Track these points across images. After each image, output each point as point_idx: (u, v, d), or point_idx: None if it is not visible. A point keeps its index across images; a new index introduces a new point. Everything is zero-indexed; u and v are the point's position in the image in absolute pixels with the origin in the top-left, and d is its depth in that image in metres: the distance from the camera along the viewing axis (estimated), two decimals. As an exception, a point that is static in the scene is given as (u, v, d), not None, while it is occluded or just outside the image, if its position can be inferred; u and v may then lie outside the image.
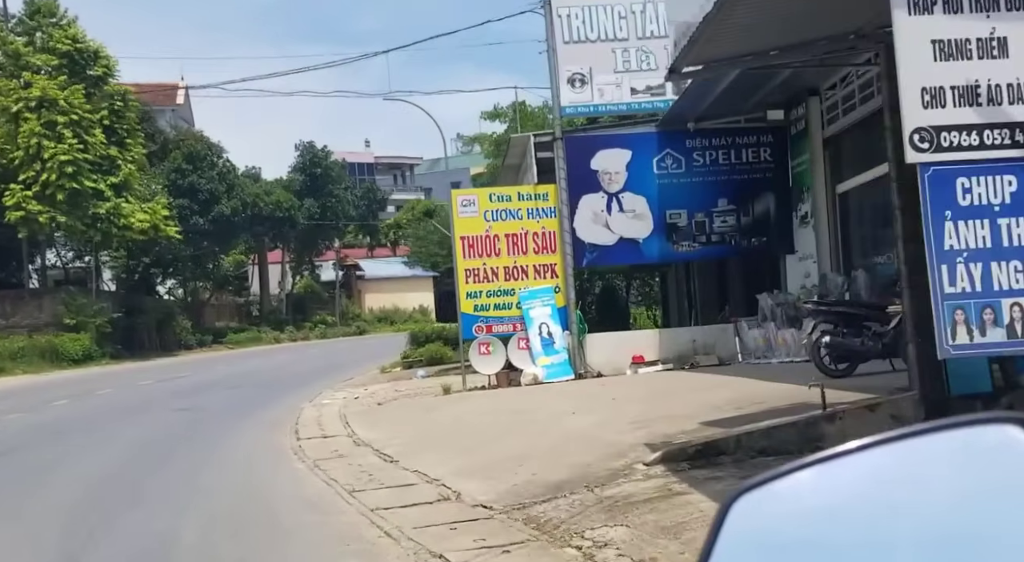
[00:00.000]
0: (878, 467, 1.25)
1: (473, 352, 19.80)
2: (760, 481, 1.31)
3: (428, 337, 31.46)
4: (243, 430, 16.47)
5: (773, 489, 1.29)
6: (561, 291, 19.86)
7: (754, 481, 1.31)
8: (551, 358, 19.49)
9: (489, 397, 17.51)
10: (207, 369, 33.67)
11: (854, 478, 1.26)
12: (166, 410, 20.33)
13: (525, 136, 21.27)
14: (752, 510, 1.29)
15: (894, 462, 1.24)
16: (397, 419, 15.73)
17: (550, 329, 19.65)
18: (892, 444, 1.26)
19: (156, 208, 40.30)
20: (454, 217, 19.93)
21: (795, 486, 1.28)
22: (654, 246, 19.68)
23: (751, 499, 1.30)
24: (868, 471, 1.25)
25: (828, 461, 1.28)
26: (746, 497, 1.30)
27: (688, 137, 19.52)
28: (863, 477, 1.25)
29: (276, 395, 23.52)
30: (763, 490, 1.30)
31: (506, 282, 19.87)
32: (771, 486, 1.30)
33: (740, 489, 1.31)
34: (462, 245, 19.88)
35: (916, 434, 1.25)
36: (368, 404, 19.59)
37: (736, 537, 1.28)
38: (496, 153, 52.54)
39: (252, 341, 49.37)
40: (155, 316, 43.74)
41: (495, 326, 19.92)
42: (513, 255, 19.86)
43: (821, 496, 1.26)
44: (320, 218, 56.28)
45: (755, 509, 1.29)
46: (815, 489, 1.27)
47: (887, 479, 1.23)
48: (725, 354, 19.29)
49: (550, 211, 19.81)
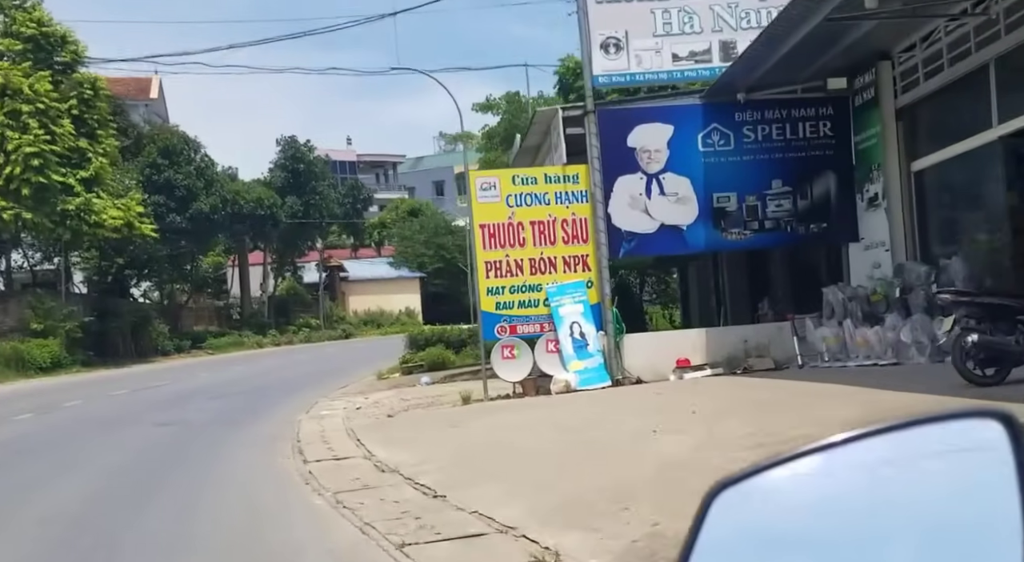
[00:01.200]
0: (862, 460, 1.23)
1: (495, 356, 17.40)
2: (743, 475, 1.28)
3: (428, 340, 29.07)
4: (236, 449, 14.02)
5: (756, 483, 1.27)
6: (594, 286, 17.51)
7: (737, 475, 1.28)
8: (584, 362, 17.14)
9: (522, 408, 15.12)
10: (187, 377, 31.11)
11: (838, 471, 1.24)
12: (144, 425, 17.85)
13: (551, 110, 18.88)
14: (735, 503, 1.27)
15: (877, 456, 1.23)
16: (418, 436, 13.32)
17: (582, 329, 17.29)
18: (875, 437, 1.24)
19: (130, 204, 37.69)
20: (473, 202, 17.53)
21: (778, 479, 1.26)
22: (700, 234, 17.35)
23: (734, 492, 1.27)
24: (852, 464, 1.23)
25: (811, 455, 1.25)
26: (729, 491, 1.28)
27: (738, 110, 17.22)
28: (847, 470, 1.23)
29: (267, 405, 21.12)
30: (746, 484, 1.28)
31: (532, 276, 17.49)
32: (754, 480, 1.27)
33: (723, 482, 1.28)
34: (482, 234, 17.49)
35: (900, 428, 1.23)
36: (375, 416, 17.19)
37: (718, 531, 1.27)
38: (489, 147, 50.22)
39: (233, 346, 46.77)
40: (130, 320, 41.12)
41: (520, 326, 17.54)
42: (540, 245, 17.49)
43: (804, 489, 1.25)
44: (303, 216, 53.66)
45: (738, 502, 1.27)
46: (798, 482, 1.25)
47: (871, 472, 1.22)
48: (781, 356, 17.00)
49: (581, 195, 17.45)
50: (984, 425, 1.20)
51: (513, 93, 48.45)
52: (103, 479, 11.46)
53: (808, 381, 13.25)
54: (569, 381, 16.81)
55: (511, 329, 17.52)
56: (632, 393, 15.37)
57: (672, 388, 15.14)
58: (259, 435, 15.82)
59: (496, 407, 15.76)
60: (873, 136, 16.43)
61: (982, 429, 1.19)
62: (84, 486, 10.92)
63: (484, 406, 16.33)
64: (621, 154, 17.21)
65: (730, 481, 1.28)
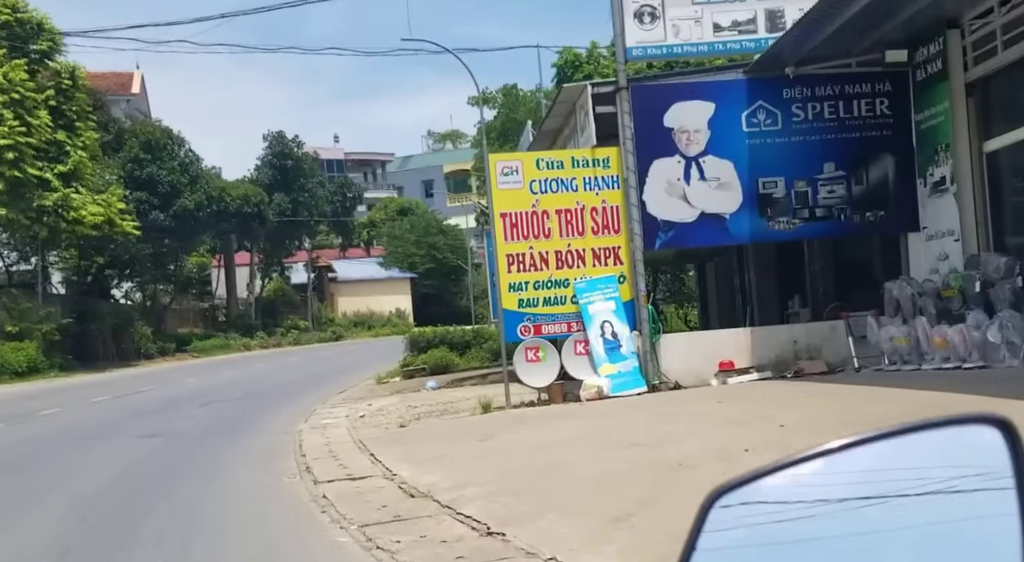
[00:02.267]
0: (860, 466, 1.23)
1: (518, 358, 15.70)
2: (742, 480, 1.28)
3: (430, 342, 27.30)
4: (234, 467, 12.28)
5: (754, 488, 1.27)
6: (627, 281, 15.84)
7: (736, 480, 1.28)
8: (617, 365, 15.46)
9: (556, 418, 13.40)
10: (173, 382, 29.29)
11: (837, 477, 1.23)
12: (127, 437, 16.10)
13: (578, 86, 17.16)
14: (733, 509, 1.26)
15: (876, 461, 1.23)
16: (444, 451, 11.60)
17: (615, 329, 15.62)
18: (873, 443, 1.24)
19: (111, 200, 35.87)
20: (492, 188, 15.82)
21: (777, 485, 1.26)
22: (744, 223, 15.70)
23: (732, 498, 1.27)
24: (851, 470, 1.23)
25: (810, 460, 1.25)
26: (727, 496, 1.27)
27: (786, 86, 15.58)
28: (846, 476, 1.23)
29: (262, 413, 19.41)
30: (745, 489, 1.27)
31: (558, 270, 15.81)
32: (753, 485, 1.27)
33: (721, 488, 1.27)
34: (503, 224, 15.78)
35: (898, 433, 1.23)
36: (384, 425, 15.50)
37: (717, 537, 1.27)
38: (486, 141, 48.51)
39: (220, 349, 44.90)
40: (111, 322, 39.28)
41: (545, 326, 15.85)
42: (567, 236, 15.82)
43: (803, 495, 1.25)
44: (292, 214, 51.74)
45: (736, 508, 1.26)
46: (798, 488, 1.25)
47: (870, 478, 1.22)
48: (834, 358, 15.38)
49: (612, 180, 15.78)
50: (982, 431, 1.20)
51: (511, 86, 46.79)
52: (73, 511, 9.65)
53: (888, 386, 11.60)
54: (601, 386, 15.13)
55: (535, 329, 15.82)
56: (679, 400, 13.68)
57: (726, 394, 13.45)
58: (257, 448, 14.10)
59: (523, 416, 14.04)
60: (939, 114, 14.79)
61: (980, 435, 1.20)
62: (48, 523, 9.10)
63: (508, 415, 14.62)
64: (657, 135, 15.56)
65: (728, 487, 1.27)
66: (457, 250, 67.51)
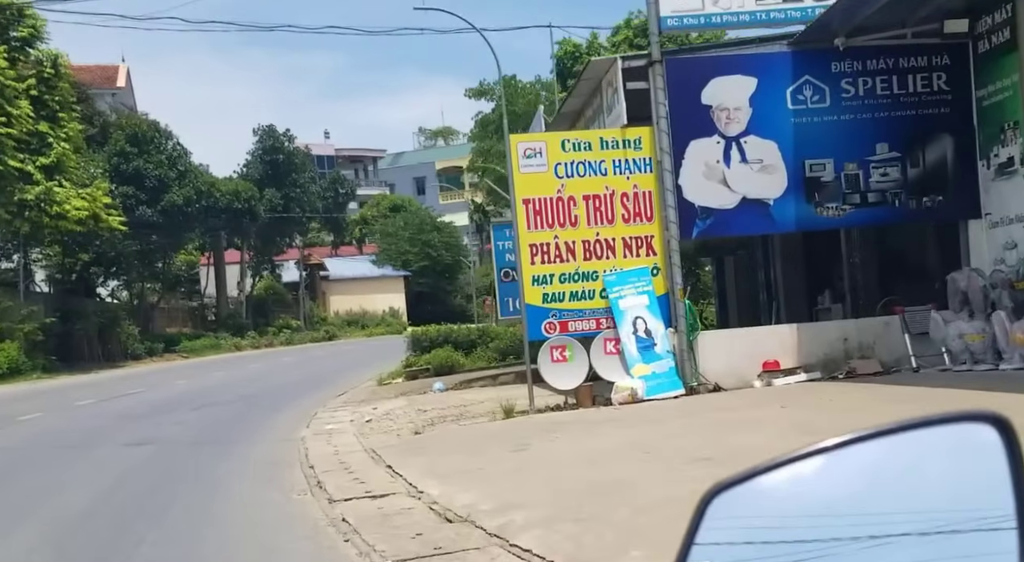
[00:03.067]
0: (857, 464, 1.21)
1: (543, 358, 14.36)
2: (739, 478, 1.24)
3: (433, 341, 25.86)
4: (234, 481, 10.91)
5: (751, 486, 1.24)
6: (661, 273, 14.51)
7: (733, 478, 1.24)
8: (651, 366, 14.12)
9: (593, 425, 12.03)
10: (162, 384, 27.82)
11: (834, 475, 1.21)
12: (112, 445, 14.71)
13: (606, 60, 15.78)
14: (730, 507, 1.24)
15: (872, 459, 1.20)
16: (474, 463, 10.23)
17: (648, 326, 14.28)
18: (870, 441, 1.21)
19: (96, 195, 34.32)
20: (514, 172, 14.45)
21: (774, 483, 1.23)
22: (789, 209, 14.37)
23: (730, 496, 1.24)
24: (848, 468, 1.21)
25: (807, 458, 1.22)
26: (725, 494, 1.24)
27: (835, 59, 14.26)
28: (843, 474, 1.21)
29: (259, 418, 18.05)
30: (742, 487, 1.24)
31: (586, 262, 14.48)
32: (750, 483, 1.24)
33: (718, 486, 1.24)
34: (526, 211, 14.43)
35: (894, 431, 1.20)
36: (396, 432, 14.15)
37: (714, 535, 1.24)
38: (483, 135, 47.11)
39: (210, 349, 43.38)
40: (96, 321, 37.73)
41: (572, 322, 14.50)
42: (595, 224, 14.49)
43: (800, 493, 1.23)
44: (283, 210, 50.20)
45: (733, 506, 1.24)
46: (795, 486, 1.23)
47: (866, 476, 1.20)
48: (888, 357, 14.08)
49: (645, 163, 14.45)
50: (978, 429, 1.19)
51: (510, 77, 45.37)
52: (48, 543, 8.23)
53: (974, 390, 10.27)
54: (635, 389, 13.79)
55: (561, 326, 14.48)
56: (730, 405, 12.33)
57: (781, 398, 12.10)
58: (259, 458, 12.73)
59: (555, 422, 12.67)
60: (1006, 89, 13.49)
61: (976, 433, 1.19)
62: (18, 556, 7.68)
63: (535, 421, 13.26)
64: (694, 113, 14.23)
65: (726, 485, 1.25)
66: (452, 248, 66.07)
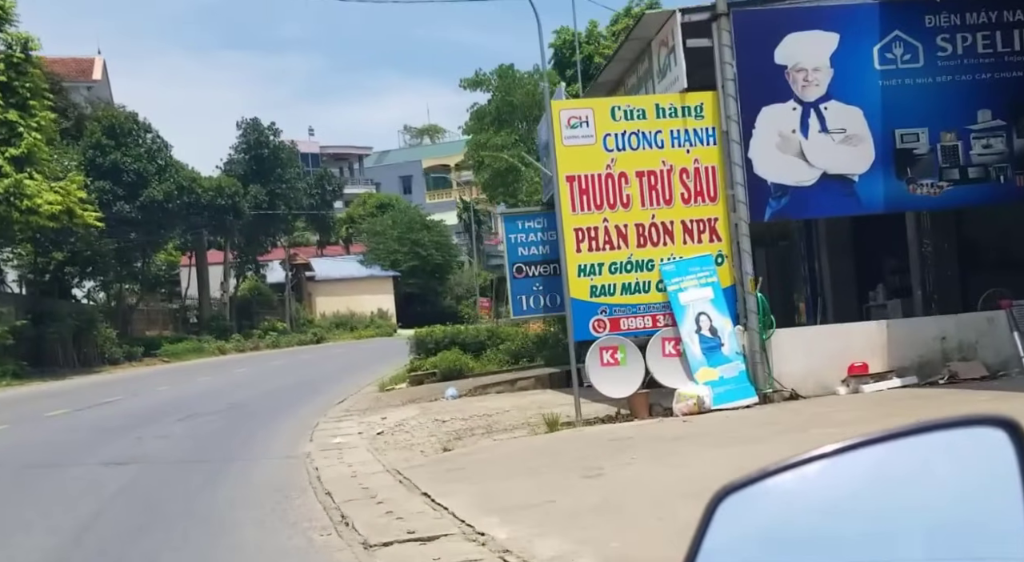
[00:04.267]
0: (867, 466, 1.22)
1: (592, 362, 12.32)
2: (748, 480, 1.26)
3: (439, 343, 23.75)
4: (235, 513, 8.86)
5: (760, 488, 1.25)
6: (727, 261, 12.52)
7: (742, 480, 1.26)
8: (719, 369, 12.11)
9: (669, 441, 9.97)
10: (143, 391, 25.64)
11: (843, 477, 1.22)
12: (86, 465, 12.64)
13: (662, 13, 13.70)
14: (739, 509, 1.25)
15: (883, 462, 1.21)
16: (534, 491, 8.18)
17: (713, 323, 12.28)
18: (880, 444, 1.22)
19: (69, 188, 32.06)
20: (556, 145, 12.39)
21: (784, 485, 1.25)
22: (876, 186, 12.39)
23: (739, 498, 1.26)
24: (857, 470, 1.22)
25: (816, 460, 1.24)
26: (733, 496, 1.26)
27: (930, 11, 12.31)
28: (852, 476, 1.22)
29: (254, 430, 16.06)
30: (751, 489, 1.26)
31: (640, 249, 12.47)
32: (758, 485, 1.25)
33: (727, 488, 1.26)
34: (570, 190, 12.40)
35: (905, 434, 1.22)
36: (420, 447, 12.15)
37: (723, 536, 1.25)
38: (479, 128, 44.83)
39: (192, 353, 41.11)
40: (71, 324, 35.52)
41: (624, 319, 12.49)
42: (650, 205, 12.50)
43: (810, 494, 1.23)
44: (268, 207, 47.90)
45: (743, 508, 1.25)
46: (804, 488, 1.24)
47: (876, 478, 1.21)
48: (993, 358, 12.14)
49: (708, 134, 12.46)
50: (989, 432, 1.19)
51: (507, 66, 43.12)
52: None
53: None
54: (702, 397, 11.75)
55: (612, 324, 12.46)
56: (824, 416, 10.30)
57: (881, 407, 10.10)
58: (262, 481, 10.68)
59: (615, 438, 10.61)
60: None
61: (987, 436, 1.18)
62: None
63: (587, 436, 11.21)
64: (766, 75, 12.25)
65: (735, 486, 1.26)
66: (442, 247, 63.99)
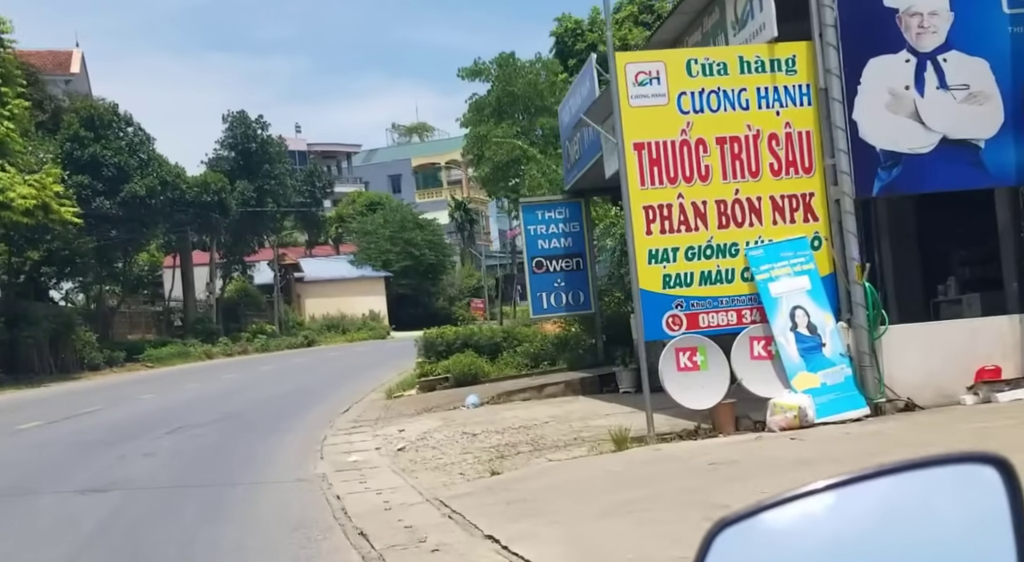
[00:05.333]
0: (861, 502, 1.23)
1: (666, 366, 10.25)
2: (745, 513, 1.25)
3: (450, 345, 21.59)
4: None
5: (756, 522, 1.25)
6: (826, 245, 10.48)
7: (739, 513, 1.26)
8: (820, 374, 10.07)
9: (784, 468, 7.86)
10: (125, 399, 23.46)
11: (838, 512, 1.23)
12: (59, 492, 10.68)
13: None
14: (736, 543, 1.24)
15: (877, 498, 1.22)
16: (653, 538, 6.14)
17: (811, 319, 10.24)
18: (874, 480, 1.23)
19: (45, 182, 29.94)
20: (622, 104, 10.32)
21: (779, 519, 1.25)
22: (1007, 153, 10.40)
23: (734, 532, 1.25)
24: (852, 506, 1.23)
25: (812, 495, 1.24)
26: (730, 530, 1.25)
27: (1069, -58, 10.31)
28: (847, 512, 1.23)
29: (252, 445, 14.08)
30: (747, 523, 1.25)
31: (722, 230, 10.45)
32: (754, 519, 1.25)
33: (723, 522, 1.26)
34: (639, 161, 10.34)
35: (899, 470, 1.23)
36: (459, 468, 10.22)
37: None
38: (478, 120, 42.81)
39: (178, 357, 38.84)
40: (48, 328, 33.35)
41: (704, 314, 10.44)
42: (733, 178, 10.47)
43: (805, 529, 1.24)
44: (256, 204, 45.62)
45: (739, 542, 1.24)
46: (800, 522, 1.24)
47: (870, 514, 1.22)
48: None
49: (802, 93, 10.45)
50: (980, 470, 1.21)
51: (507, 54, 41.12)
52: None
53: None
54: (803, 408, 9.71)
55: (689, 320, 10.40)
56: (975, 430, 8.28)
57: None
58: (272, 514, 8.66)
59: (707, 460, 8.55)
60: None
61: (979, 473, 1.20)
62: None
63: (672, 456, 9.16)
64: (873, 20, 10.26)
65: (731, 520, 1.26)
66: (436, 246, 61.90)
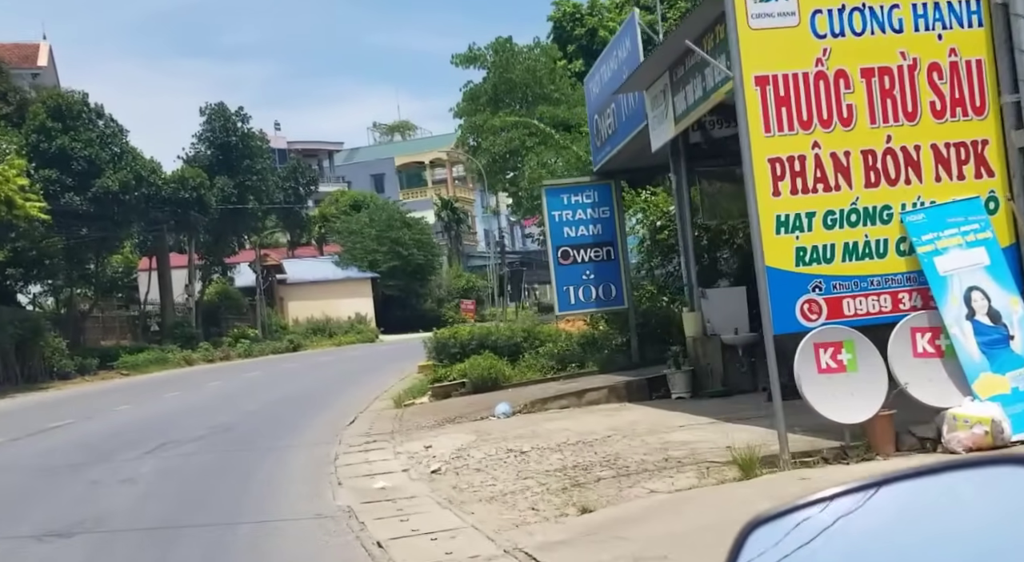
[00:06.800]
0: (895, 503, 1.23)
1: (803, 366, 7.86)
2: (778, 512, 1.27)
3: (465, 346, 19.12)
4: None
5: (790, 520, 1.26)
6: (1007, 206, 8.16)
7: (771, 512, 1.27)
8: (1010, 376, 7.75)
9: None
10: (99, 411, 20.95)
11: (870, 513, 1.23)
12: (15, 536, 8.25)
13: None
14: (769, 541, 1.25)
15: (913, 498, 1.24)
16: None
17: (992, 304, 7.94)
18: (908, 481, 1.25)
19: (8, 174, 27.36)
20: (740, 29, 7.94)
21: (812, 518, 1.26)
22: None
23: (767, 530, 1.26)
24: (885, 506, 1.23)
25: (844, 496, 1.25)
26: (763, 528, 1.27)
27: None
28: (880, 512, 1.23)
29: (253, 466, 11.91)
30: (781, 521, 1.27)
31: (870, 190, 8.15)
32: (788, 518, 1.27)
33: (756, 520, 1.27)
34: (761, 99, 7.99)
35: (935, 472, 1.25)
36: (521, 497, 8.32)
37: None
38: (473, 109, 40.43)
39: (155, 364, 36.19)
40: (14, 333, 30.82)
41: (849, 299, 8.12)
42: (884, 122, 8.18)
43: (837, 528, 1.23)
44: (237, 201, 42.96)
45: (771, 540, 1.25)
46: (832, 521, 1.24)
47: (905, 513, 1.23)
48: None
49: (969, 10, 8.15)
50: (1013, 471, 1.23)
51: (504, 39, 38.73)
52: None
53: None
54: (998, 421, 7.37)
55: (830, 307, 8.04)
56: None
57: None
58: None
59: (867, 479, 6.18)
60: None
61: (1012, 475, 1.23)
62: None
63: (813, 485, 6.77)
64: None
65: (765, 518, 1.25)
66: (424, 246, 59.45)
